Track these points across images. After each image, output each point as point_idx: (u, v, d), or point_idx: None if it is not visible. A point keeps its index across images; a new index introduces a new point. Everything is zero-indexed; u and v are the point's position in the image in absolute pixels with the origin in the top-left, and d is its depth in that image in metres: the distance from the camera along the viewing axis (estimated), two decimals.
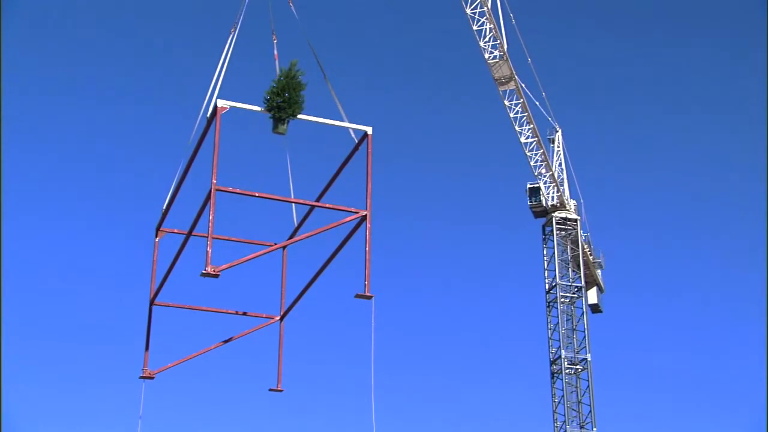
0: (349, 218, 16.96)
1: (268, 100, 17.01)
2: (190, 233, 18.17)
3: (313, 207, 18.70)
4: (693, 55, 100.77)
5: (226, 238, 19.64)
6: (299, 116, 17.22)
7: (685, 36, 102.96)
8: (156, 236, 19.41)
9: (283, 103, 16.95)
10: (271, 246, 19.04)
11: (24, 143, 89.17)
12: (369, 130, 17.37)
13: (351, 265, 17.54)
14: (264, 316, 20.21)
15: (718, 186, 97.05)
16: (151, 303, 19.38)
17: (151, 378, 19.14)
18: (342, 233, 17.53)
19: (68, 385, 78.36)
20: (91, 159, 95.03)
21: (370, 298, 16.56)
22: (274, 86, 17.01)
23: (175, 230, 19.50)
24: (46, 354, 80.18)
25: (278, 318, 20.13)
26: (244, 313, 20.19)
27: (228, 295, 20.55)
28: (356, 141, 17.61)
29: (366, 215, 16.89)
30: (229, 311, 20.21)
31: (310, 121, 17.42)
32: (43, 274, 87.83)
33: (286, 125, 17.16)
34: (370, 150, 17.30)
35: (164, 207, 19.00)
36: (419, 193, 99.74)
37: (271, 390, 19.97)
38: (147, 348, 19.31)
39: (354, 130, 17.63)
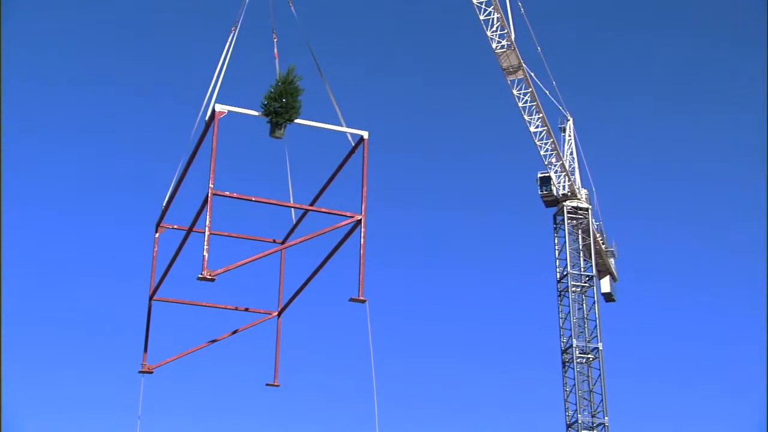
0: (344, 222, 17.09)
1: (265, 105, 17.07)
2: (189, 231, 18.33)
3: (308, 210, 18.83)
4: (703, 47, 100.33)
5: (225, 234, 19.83)
6: (296, 121, 17.30)
7: (695, 28, 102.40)
8: (156, 232, 19.64)
9: (281, 108, 17.01)
10: (269, 245, 19.20)
11: (25, 138, 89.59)
12: (365, 134, 17.40)
13: (349, 263, 17.72)
14: (262, 311, 20.46)
15: (728, 175, 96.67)
16: (151, 298, 19.60)
17: (150, 372, 19.41)
18: (340, 233, 17.69)
19: (67, 378, 79.08)
20: (92, 153, 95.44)
21: (363, 302, 16.70)
22: (271, 91, 17.07)
23: (175, 226, 19.71)
24: (45, 348, 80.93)
25: (276, 314, 20.35)
26: (244, 309, 20.45)
27: (226, 291, 20.75)
28: (353, 145, 17.66)
29: (361, 219, 17.00)
30: (228, 307, 20.45)
31: (308, 125, 17.50)
32: (43, 269, 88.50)
33: (283, 130, 17.21)
34: (366, 154, 17.32)
35: (164, 204, 19.18)
36: (427, 187, 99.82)
37: (268, 385, 20.24)
38: (146, 343, 19.56)
39: (351, 134, 17.66)
